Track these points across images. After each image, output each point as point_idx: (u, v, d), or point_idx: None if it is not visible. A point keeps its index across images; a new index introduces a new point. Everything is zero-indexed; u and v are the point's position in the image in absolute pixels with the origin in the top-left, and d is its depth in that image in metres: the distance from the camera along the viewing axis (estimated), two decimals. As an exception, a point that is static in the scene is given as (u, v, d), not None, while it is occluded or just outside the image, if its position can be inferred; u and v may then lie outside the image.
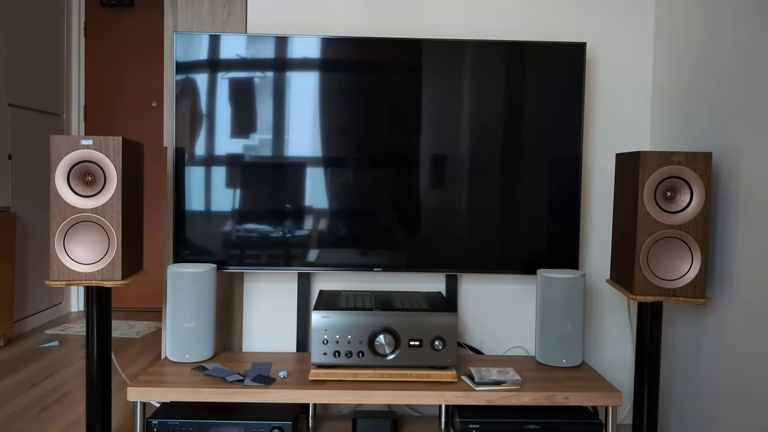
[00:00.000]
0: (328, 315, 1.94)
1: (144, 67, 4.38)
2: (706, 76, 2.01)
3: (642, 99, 2.37)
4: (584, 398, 1.90)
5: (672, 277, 1.87)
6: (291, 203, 2.20)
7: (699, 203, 1.84)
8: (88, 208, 1.84)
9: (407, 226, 2.22)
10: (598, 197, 2.39)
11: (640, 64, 2.37)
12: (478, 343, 2.41)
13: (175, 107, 2.17)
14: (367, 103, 2.19)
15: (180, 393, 1.87)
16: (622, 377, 2.42)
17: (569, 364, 2.12)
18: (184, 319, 2.07)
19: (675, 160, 1.84)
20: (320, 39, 2.17)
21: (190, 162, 2.18)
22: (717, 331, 1.92)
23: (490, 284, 2.39)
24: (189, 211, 2.18)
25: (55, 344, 3.43)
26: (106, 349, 1.93)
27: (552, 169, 2.22)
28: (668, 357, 2.23)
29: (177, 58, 2.16)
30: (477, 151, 2.21)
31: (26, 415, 2.42)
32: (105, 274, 1.85)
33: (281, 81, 2.18)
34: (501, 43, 2.19)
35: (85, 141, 1.83)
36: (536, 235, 2.23)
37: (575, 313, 2.11)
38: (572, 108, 2.21)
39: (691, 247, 1.85)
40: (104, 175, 1.85)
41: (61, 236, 1.83)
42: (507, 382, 1.93)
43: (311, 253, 2.21)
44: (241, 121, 2.19)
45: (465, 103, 2.20)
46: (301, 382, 1.95)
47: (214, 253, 2.20)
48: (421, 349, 1.95)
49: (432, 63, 2.19)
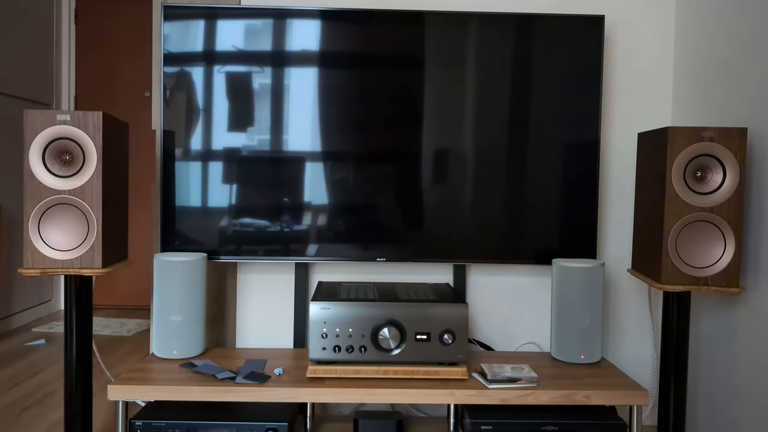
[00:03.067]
0: (327, 306, 1.79)
1: (137, 55, 4.22)
2: (736, 49, 1.85)
3: (663, 77, 2.22)
4: (607, 397, 1.74)
5: (703, 264, 1.71)
6: (289, 186, 2.04)
7: (732, 183, 1.69)
8: (65, 189, 1.69)
9: (413, 213, 2.07)
10: (615, 182, 2.23)
11: (661, 39, 2.21)
12: (488, 338, 2.25)
13: (163, 86, 2.01)
14: (369, 84, 2.03)
15: (166, 391, 1.72)
16: (641, 374, 2.26)
17: (587, 360, 1.97)
18: (171, 312, 1.91)
19: (706, 137, 1.69)
20: (318, 11, 2.02)
21: (180, 144, 2.03)
22: (751, 324, 1.77)
23: (501, 275, 2.24)
24: (179, 197, 2.03)
25: (42, 342, 3.27)
26: (87, 344, 1.78)
27: (567, 151, 2.06)
28: (695, 352, 2.08)
29: (165, 31, 2.01)
30: (487, 133, 2.06)
31: (5, 417, 2.27)
32: (84, 262, 1.69)
33: (277, 57, 2.03)
34: (511, 16, 2.04)
35: (62, 116, 1.68)
36: (550, 223, 2.08)
37: (594, 306, 1.95)
38: (589, 87, 2.06)
39: (724, 232, 1.70)
40: (83, 153, 1.69)
41: (35, 220, 1.68)
42: (522, 380, 1.77)
43: (310, 241, 2.06)
44: (235, 99, 2.03)
45: (473, 81, 2.04)
46: (298, 379, 1.79)
47: (205, 243, 2.04)
48: (428, 343, 1.80)
49: (436, 37, 2.03)
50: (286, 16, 2.02)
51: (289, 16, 2.02)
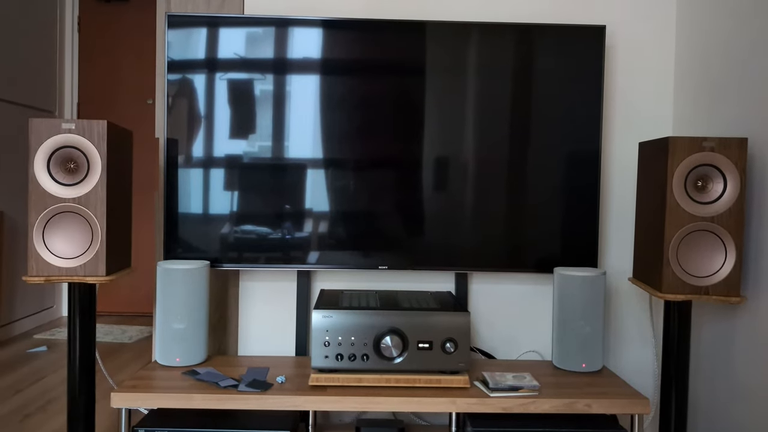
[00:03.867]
0: (329, 314, 1.79)
1: (140, 63, 4.24)
2: (738, 59, 1.86)
3: (664, 86, 2.23)
4: (608, 406, 1.75)
5: (704, 273, 1.72)
6: (291, 193, 2.05)
7: (733, 193, 1.69)
8: (69, 197, 1.70)
9: (414, 221, 2.08)
10: (617, 190, 2.24)
11: (661, 50, 2.23)
12: (490, 347, 2.25)
13: (167, 93, 2.03)
14: (371, 92, 2.04)
15: (169, 399, 1.72)
16: (642, 383, 2.26)
17: (589, 369, 1.97)
18: (174, 320, 1.92)
19: (707, 146, 1.70)
20: (321, 20, 2.03)
21: (183, 151, 2.04)
22: (751, 334, 1.77)
23: (503, 284, 2.24)
24: (181, 205, 2.04)
25: (43, 349, 3.27)
26: (90, 351, 1.78)
27: (569, 160, 2.07)
28: (696, 361, 2.08)
29: (168, 38, 2.02)
30: (488, 141, 2.07)
31: (8, 423, 2.27)
32: (88, 269, 1.70)
33: (280, 66, 2.04)
34: (513, 26, 2.05)
35: (67, 125, 1.69)
36: (552, 231, 2.08)
37: (595, 315, 1.96)
38: (590, 96, 2.07)
39: (725, 241, 1.70)
40: (87, 162, 1.70)
41: (40, 228, 1.69)
42: (524, 388, 1.77)
43: (312, 248, 2.06)
44: (237, 106, 2.04)
45: (474, 91, 2.06)
46: (300, 387, 1.79)
47: (207, 250, 2.05)
48: (430, 351, 1.80)
49: (438, 47, 2.05)
50: (288, 26, 2.03)
51: (291, 26, 2.03)
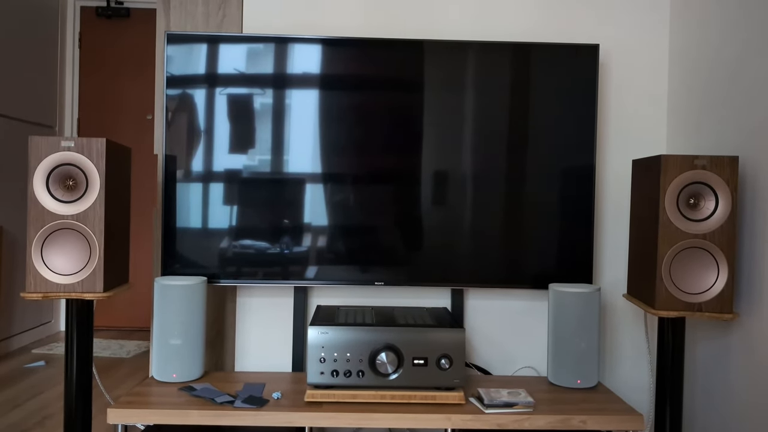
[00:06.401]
0: (326, 331, 1.81)
1: (140, 79, 4.27)
2: (728, 78, 1.89)
3: (657, 104, 2.26)
4: (603, 422, 1.76)
5: (696, 290, 1.73)
6: (288, 209, 2.07)
7: (725, 210, 1.71)
8: (68, 214, 1.71)
9: (411, 238, 2.09)
10: (611, 207, 2.26)
11: (654, 68, 2.25)
12: (486, 363, 2.26)
13: (166, 110, 2.05)
14: (368, 109, 2.07)
15: (165, 415, 1.73)
16: (639, 398, 2.27)
17: (584, 385, 1.98)
18: (171, 336, 1.93)
19: (699, 164, 1.72)
20: (319, 39, 2.06)
21: (182, 167, 2.06)
22: (745, 349, 1.78)
23: (499, 300, 2.26)
24: (179, 221, 2.06)
25: (41, 364, 3.27)
26: (87, 367, 1.79)
27: (564, 177, 2.09)
28: (690, 377, 2.09)
29: (168, 53, 2.05)
30: (484, 159, 2.09)
31: (4, 439, 2.27)
32: (85, 286, 1.72)
33: (278, 84, 2.07)
34: (508, 45, 2.08)
35: (66, 142, 1.71)
36: (547, 248, 2.10)
37: (590, 331, 1.97)
38: (585, 114, 2.09)
39: (717, 258, 1.72)
40: (86, 179, 1.72)
41: (38, 244, 1.70)
42: (519, 405, 1.78)
43: (309, 263, 2.08)
44: (236, 123, 2.07)
45: (471, 108, 2.08)
46: (296, 403, 1.80)
47: (205, 266, 2.07)
48: (426, 368, 1.81)
49: (435, 65, 2.07)
50: (285, 44, 2.06)
51: (288, 44, 2.06)
